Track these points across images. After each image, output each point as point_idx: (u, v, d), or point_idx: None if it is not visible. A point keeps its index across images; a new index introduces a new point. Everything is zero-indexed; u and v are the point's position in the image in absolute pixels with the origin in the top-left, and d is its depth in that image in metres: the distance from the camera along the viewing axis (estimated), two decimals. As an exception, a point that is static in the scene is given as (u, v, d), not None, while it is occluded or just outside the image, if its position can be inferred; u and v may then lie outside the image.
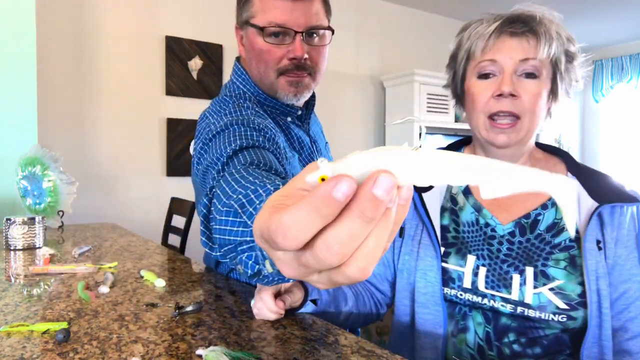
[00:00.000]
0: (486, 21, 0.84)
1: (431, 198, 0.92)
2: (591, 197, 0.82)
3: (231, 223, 0.57)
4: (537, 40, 0.80)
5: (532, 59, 0.79)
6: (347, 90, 3.69)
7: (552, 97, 0.85)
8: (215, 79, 3.05)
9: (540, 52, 0.79)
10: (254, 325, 0.80)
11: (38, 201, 1.81)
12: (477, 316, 0.85)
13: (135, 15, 2.80)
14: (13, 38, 2.00)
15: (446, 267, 0.88)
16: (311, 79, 0.98)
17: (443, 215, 0.92)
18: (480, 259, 0.86)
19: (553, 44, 0.79)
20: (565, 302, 0.79)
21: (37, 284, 1.04)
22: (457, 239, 0.89)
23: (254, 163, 0.72)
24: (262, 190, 0.57)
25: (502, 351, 0.83)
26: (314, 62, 0.96)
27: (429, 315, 0.88)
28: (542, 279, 0.80)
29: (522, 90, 0.81)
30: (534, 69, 0.80)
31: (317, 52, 0.96)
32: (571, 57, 0.84)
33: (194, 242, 2.30)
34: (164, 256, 1.37)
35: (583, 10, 4.05)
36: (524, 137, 0.84)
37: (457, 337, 0.87)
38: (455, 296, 0.86)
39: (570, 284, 0.80)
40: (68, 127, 2.61)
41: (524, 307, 0.81)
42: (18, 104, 2.01)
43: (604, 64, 5.21)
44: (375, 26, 3.84)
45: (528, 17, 0.81)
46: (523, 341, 0.82)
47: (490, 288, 0.83)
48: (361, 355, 0.68)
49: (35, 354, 0.67)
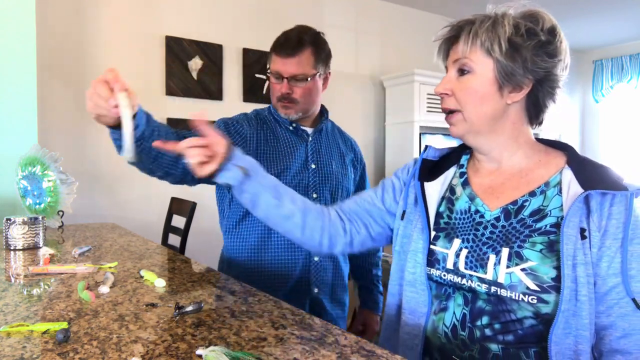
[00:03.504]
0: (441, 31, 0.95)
1: (433, 187, 0.98)
2: (580, 185, 0.83)
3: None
4: (459, 43, 0.89)
5: (462, 59, 0.88)
6: (347, 90, 3.69)
7: (507, 80, 0.86)
8: (215, 79, 3.05)
9: (465, 51, 0.88)
10: (254, 325, 0.80)
11: (38, 201, 1.81)
12: (458, 298, 0.89)
13: (135, 15, 2.80)
14: (13, 38, 2.00)
15: (433, 249, 0.93)
16: (296, 107, 1.42)
17: (441, 204, 0.97)
18: (464, 242, 0.90)
19: (477, 40, 0.86)
20: (536, 284, 0.80)
21: (37, 284, 1.04)
22: (448, 224, 0.94)
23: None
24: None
25: (473, 333, 0.86)
26: (298, 96, 1.41)
27: (415, 294, 0.94)
28: (515, 259, 0.83)
29: (456, 88, 0.89)
30: (463, 65, 0.88)
31: (301, 90, 1.40)
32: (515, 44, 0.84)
33: (194, 242, 2.30)
34: (164, 256, 1.37)
35: (583, 10, 4.05)
36: (479, 127, 0.89)
37: (437, 315, 0.92)
38: (440, 277, 0.91)
39: (544, 266, 0.81)
40: (68, 127, 2.61)
41: (497, 286, 0.83)
42: (18, 104, 2.01)
43: (604, 64, 5.21)
44: (375, 26, 3.84)
45: (462, 25, 0.90)
46: (497, 327, 0.84)
47: (469, 268, 0.87)
48: (361, 355, 0.68)
49: (35, 354, 0.67)
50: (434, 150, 1.04)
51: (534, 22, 0.85)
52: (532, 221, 0.86)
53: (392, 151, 3.77)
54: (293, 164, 1.44)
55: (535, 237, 0.84)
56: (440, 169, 1.00)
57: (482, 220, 0.90)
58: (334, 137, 1.59)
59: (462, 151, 1.02)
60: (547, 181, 0.88)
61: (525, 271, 0.81)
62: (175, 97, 2.92)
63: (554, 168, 0.89)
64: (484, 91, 0.87)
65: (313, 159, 1.47)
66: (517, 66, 0.84)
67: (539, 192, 0.88)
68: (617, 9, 4.06)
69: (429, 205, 0.96)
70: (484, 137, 0.91)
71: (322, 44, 1.44)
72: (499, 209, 0.89)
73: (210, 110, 3.06)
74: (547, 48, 0.85)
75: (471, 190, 0.95)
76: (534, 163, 0.91)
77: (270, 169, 1.41)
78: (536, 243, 0.83)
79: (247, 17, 3.19)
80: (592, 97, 5.37)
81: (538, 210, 0.86)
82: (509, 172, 0.92)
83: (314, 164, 1.47)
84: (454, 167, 1.00)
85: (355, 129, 3.73)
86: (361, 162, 1.66)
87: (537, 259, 0.81)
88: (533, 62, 0.84)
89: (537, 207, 0.86)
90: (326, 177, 1.48)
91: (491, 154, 0.93)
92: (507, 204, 0.89)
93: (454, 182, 0.98)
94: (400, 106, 3.67)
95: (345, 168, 1.55)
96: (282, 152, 1.44)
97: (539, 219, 0.85)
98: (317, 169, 1.47)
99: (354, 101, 3.75)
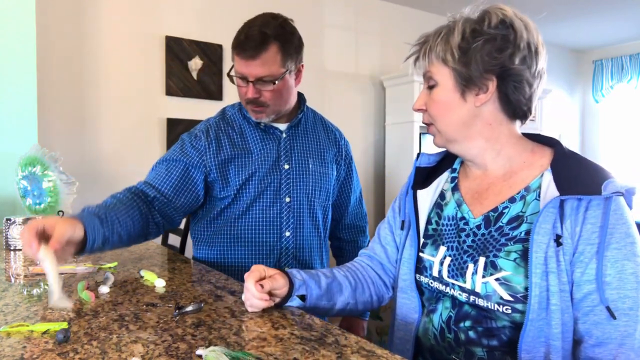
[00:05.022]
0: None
1: (426, 194, 1.00)
2: (558, 189, 0.80)
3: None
4: (419, 59, 0.91)
5: (426, 73, 0.90)
6: (347, 90, 3.69)
7: (467, 85, 0.85)
8: (215, 79, 3.05)
9: (425, 66, 0.90)
10: (254, 325, 0.80)
11: (38, 201, 1.81)
12: (446, 301, 0.90)
13: (135, 15, 2.80)
14: (13, 38, 1.99)
15: (422, 256, 0.95)
16: (267, 110, 1.30)
17: (432, 210, 0.98)
18: (449, 249, 0.90)
19: (431, 54, 0.88)
20: (510, 294, 0.79)
21: (37, 284, 1.04)
22: (435, 231, 0.95)
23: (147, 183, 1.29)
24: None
25: (458, 336, 0.86)
26: (266, 99, 1.27)
27: (406, 300, 0.97)
28: (490, 269, 0.82)
29: (428, 102, 0.92)
30: (429, 79, 0.90)
31: (270, 93, 1.26)
32: (463, 48, 0.84)
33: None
34: (164, 256, 1.37)
35: (583, 10, 4.05)
36: (452, 136, 0.90)
37: (428, 317, 0.93)
38: (427, 284, 0.93)
39: (517, 276, 0.79)
40: (68, 127, 2.61)
41: (475, 295, 0.83)
42: (18, 104, 2.01)
43: (604, 64, 5.21)
44: (375, 26, 3.84)
45: (422, 42, 0.91)
46: (480, 330, 0.84)
47: (451, 277, 0.88)
48: (361, 355, 0.68)
49: (35, 354, 0.67)
50: (427, 157, 1.03)
51: (479, 22, 0.84)
52: (509, 229, 0.84)
53: (392, 151, 3.77)
54: (262, 165, 1.33)
55: (510, 245, 0.82)
56: (435, 175, 1.00)
57: (466, 228, 0.90)
58: (314, 131, 1.45)
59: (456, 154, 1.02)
60: (527, 185, 0.85)
61: (499, 281, 0.80)
62: (175, 97, 2.92)
63: (537, 170, 0.86)
64: (447, 100, 0.88)
65: (286, 159, 1.36)
66: (472, 69, 0.83)
67: (518, 197, 0.85)
68: (617, 9, 4.06)
69: (420, 213, 0.98)
70: (462, 144, 0.91)
71: (289, 36, 1.28)
72: (481, 216, 0.89)
73: (210, 110, 3.05)
74: (495, 44, 0.82)
75: (459, 196, 0.94)
76: (518, 165, 0.88)
77: (239, 173, 1.32)
78: (511, 252, 0.81)
79: (247, 17, 3.17)
80: (592, 97, 5.37)
81: (516, 217, 0.84)
82: (493, 176, 0.91)
83: (287, 164, 1.36)
84: (447, 171, 1.00)
85: (355, 129, 3.73)
86: (346, 157, 1.53)
87: (511, 268, 0.80)
88: (484, 61, 0.83)
89: (516, 214, 0.84)
90: (301, 178, 1.37)
91: (475, 160, 0.92)
92: (489, 211, 0.88)
93: (445, 187, 0.98)
94: (400, 106, 3.67)
95: (325, 167, 1.44)
96: (250, 153, 1.34)
97: (516, 226, 0.83)
98: (291, 169, 1.36)
99: (354, 101, 3.74)
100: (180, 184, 1.29)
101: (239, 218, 1.34)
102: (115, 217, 1.08)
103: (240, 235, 1.35)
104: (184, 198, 1.29)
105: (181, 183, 1.29)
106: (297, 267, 1.39)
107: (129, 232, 1.11)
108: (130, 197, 1.18)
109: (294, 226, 1.37)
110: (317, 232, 1.44)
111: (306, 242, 1.40)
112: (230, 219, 1.35)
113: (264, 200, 1.34)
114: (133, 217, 1.14)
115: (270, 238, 1.35)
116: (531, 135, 0.93)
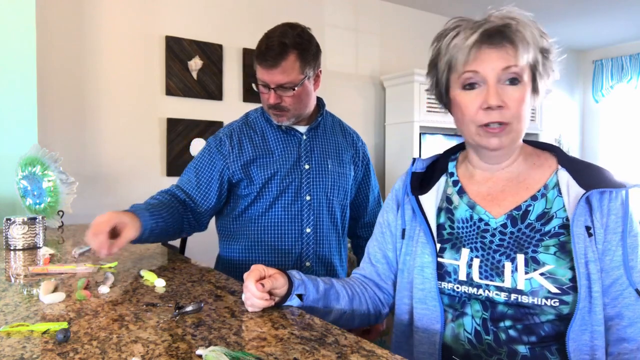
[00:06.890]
0: (463, 31, 0.86)
1: (428, 199, 0.96)
2: (579, 186, 0.85)
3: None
4: (515, 49, 0.83)
5: (514, 66, 0.83)
6: (347, 90, 3.69)
7: (534, 95, 0.89)
8: (215, 79, 3.05)
9: (520, 59, 0.83)
10: (254, 325, 0.80)
11: (38, 201, 1.81)
12: (475, 304, 0.88)
13: (135, 15, 2.80)
14: (13, 38, 2.00)
15: (442, 261, 0.91)
16: (288, 114, 1.39)
17: (439, 215, 0.96)
18: (473, 251, 0.89)
19: (530, 49, 0.83)
20: (557, 287, 0.81)
21: (37, 284, 1.04)
22: (452, 235, 0.92)
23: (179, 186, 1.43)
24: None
25: (498, 336, 0.85)
26: (287, 104, 1.36)
27: (426, 311, 0.91)
28: (532, 264, 0.83)
29: (507, 99, 0.84)
30: (516, 75, 0.84)
31: (291, 98, 1.36)
32: (547, 53, 0.87)
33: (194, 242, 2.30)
34: (164, 256, 1.37)
35: (583, 10, 4.05)
36: (515, 138, 0.88)
37: (455, 322, 0.89)
38: (452, 290, 0.89)
39: (560, 268, 0.82)
40: (68, 127, 2.61)
41: (518, 293, 0.83)
42: (18, 104, 2.01)
43: (604, 64, 5.21)
44: (375, 26, 3.84)
45: (503, 26, 0.83)
46: (519, 327, 0.84)
47: (484, 278, 0.86)
48: (361, 355, 0.68)
49: (35, 354, 0.67)
50: (421, 162, 1.02)
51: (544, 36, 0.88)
52: (540, 225, 0.86)
53: (392, 151, 3.77)
54: (284, 165, 1.41)
55: (546, 240, 0.84)
56: (430, 180, 0.98)
57: (488, 228, 0.90)
58: (332, 133, 1.53)
59: (447, 158, 1.01)
60: (545, 184, 0.89)
61: (544, 275, 0.82)
62: (175, 97, 2.92)
63: (548, 170, 0.90)
64: (527, 101, 0.86)
65: (307, 159, 1.44)
66: (544, 79, 0.88)
67: (539, 195, 0.88)
68: (617, 9, 4.06)
69: (428, 218, 0.93)
70: (507, 148, 0.90)
71: (307, 44, 1.36)
72: (503, 215, 0.89)
73: (210, 110, 3.06)
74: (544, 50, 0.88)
75: (469, 199, 0.94)
76: (529, 166, 0.92)
77: (262, 174, 1.39)
78: (549, 246, 0.84)
79: (247, 17, 3.19)
80: (592, 97, 5.37)
81: (543, 213, 0.87)
82: (506, 178, 0.92)
83: (307, 164, 1.43)
84: (443, 176, 0.99)
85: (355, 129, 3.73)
86: (364, 158, 1.61)
87: (553, 261, 0.82)
88: (552, 70, 0.88)
89: (542, 211, 0.87)
90: (321, 178, 1.44)
91: (502, 163, 0.93)
92: (511, 210, 0.89)
93: (449, 192, 0.97)
94: (400, 106, 3.67)
95: (343, 167, 1.51)
96: (272, 154, 1.42)
97: (546, 222, 0.86)
98: (311, 169, 1.44)
99: (354, 101, 3.75)
100: (208, 190, 1.42)
101: (262, 215, 1.42)
102: (158, 213, 1.25)
103: (263, 231, 1.42)
104: (210, 201, 1.42)
105: (208, 189, 1.42)
106: (317, 262, 1.45)
107: (171, 226, 1.30)
108: (168, 198, 1.36)
109: (314, 223, 1.44)
110: (336, 229, 1.50)
111: (325, 239, 1.46)
112: (253, 216, 1.43)
113: (286, 198, 1.41)
114: (173, 214, 1.31)
115: (292, 234, 1.42)
116: (527, 142, 0.97)
